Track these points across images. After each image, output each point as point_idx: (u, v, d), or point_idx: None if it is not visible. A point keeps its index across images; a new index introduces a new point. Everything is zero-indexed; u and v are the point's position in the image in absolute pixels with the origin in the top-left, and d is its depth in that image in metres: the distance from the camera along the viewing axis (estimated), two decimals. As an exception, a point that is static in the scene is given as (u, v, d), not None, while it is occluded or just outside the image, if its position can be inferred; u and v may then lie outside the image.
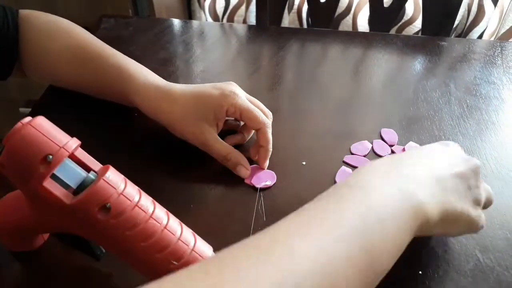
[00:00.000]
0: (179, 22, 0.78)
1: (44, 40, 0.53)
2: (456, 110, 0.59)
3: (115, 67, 0.50)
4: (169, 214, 0.32)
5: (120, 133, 0.53)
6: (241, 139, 0.52)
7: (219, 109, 0.47)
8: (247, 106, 0.47)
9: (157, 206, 0.32)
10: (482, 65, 0.68)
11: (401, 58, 0.70)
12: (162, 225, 0.31)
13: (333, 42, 0.73)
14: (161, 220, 0.31)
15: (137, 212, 0.30)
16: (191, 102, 0.47)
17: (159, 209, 0.32)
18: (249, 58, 0.69)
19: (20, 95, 1.18)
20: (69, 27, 0.54)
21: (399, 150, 0.52)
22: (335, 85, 0.64)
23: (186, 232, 0.32)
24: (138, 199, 0.31)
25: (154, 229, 0.30)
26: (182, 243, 0.31)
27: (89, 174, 0.31)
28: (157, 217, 0.31)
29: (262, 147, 0.48)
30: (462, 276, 0.39)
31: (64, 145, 0.30)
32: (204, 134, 0.47)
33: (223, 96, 0.47)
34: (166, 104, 0.48)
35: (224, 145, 0.48)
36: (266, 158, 0.49)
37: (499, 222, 0.44)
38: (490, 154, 0.52)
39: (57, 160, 0.29)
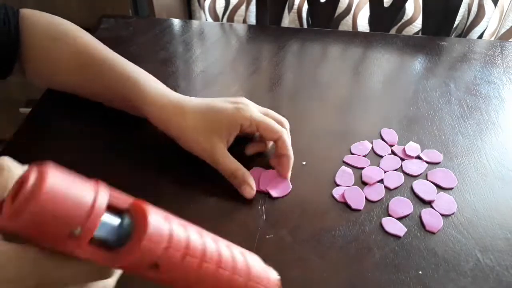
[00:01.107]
0: (179, 22, 0.78)
1: (46, 42, 0.52)
2: (456, 110, 0.59)
3: (123, 74, 0.49)
4: (218, 244, 0.29)
5: (121, 134, 0.53)
6: (263, 147, 0.51)
7: (233, 124, 0.46)
8: (262, 118, 0.47)
9: (206, 240, 0.28)
10: (482, 65, 0.68)
11: (401, 58, 0.70)
12: (214, 263, 0.27)
13: (333, 42, 0.73)
14: (213, 259, 0.27)
15: (188, 260, 0.26)
16: (202, 116, 0.47)
17: (209, 244, 0.28)
18: (249, 58, 0.69)
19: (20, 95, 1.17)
20: (71, 30, 0.53)
21: (399, 150, 0.52)
22: (335, 85, 0.64)
23: (238, 261, 0.29)
24: (188, 243, 0.26)
25: (208, 272, 0.27)
26: (237, 277, 0.28)
27: (124, 220, 0.25)
28: (209, 257, 0.27)
29: (284, 156, 0.48)
30: (462, 276, 0.39)
31: (91, 209, 0.23)
32: (214, 149, 0.46)
33: (237, 111, 0.46)
34: (177, 117, 0.47)
35: (233, 161, 0.47)
36: (289, 166, 0.48)
37: (499, 222, 0.44)
38: (490, 154, 0.52)
39: (88, 230, 0.23)
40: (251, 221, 0.43)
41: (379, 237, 0.42)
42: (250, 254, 0.31)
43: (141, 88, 0.48)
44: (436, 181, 0.48)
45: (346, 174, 0.49)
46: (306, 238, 0.42)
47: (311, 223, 0.43)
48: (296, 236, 0.42)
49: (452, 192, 0.47)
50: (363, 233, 0.43)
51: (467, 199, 0.46)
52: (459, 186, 0.48)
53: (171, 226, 0.26)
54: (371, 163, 0.50)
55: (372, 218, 0.44)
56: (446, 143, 0.53)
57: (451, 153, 0.52)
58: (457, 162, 0.51)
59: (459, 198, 0.46)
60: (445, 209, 0.45)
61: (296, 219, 0.44)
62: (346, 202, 0.45)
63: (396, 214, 0.44)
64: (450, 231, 0.43)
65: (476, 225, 0.44)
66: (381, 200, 0.46)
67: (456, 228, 0.43)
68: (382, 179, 0.48)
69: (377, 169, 0.49)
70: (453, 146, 0.53)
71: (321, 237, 0.42)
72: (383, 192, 0.47)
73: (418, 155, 0.51)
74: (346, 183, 0.48)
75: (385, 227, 0.43)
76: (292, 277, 0.39)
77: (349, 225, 0.43)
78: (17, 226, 0.21)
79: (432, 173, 0.49)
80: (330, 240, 0.42)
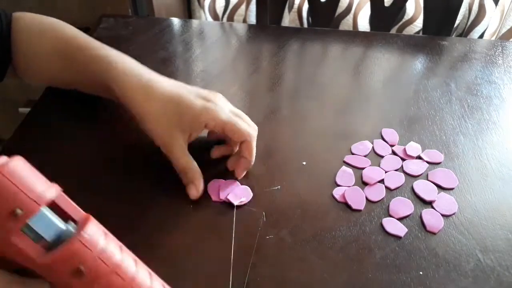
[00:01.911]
0: (179, 22, 0.78)
1: (32, 40, 0.53)
2: (457, 109, 0.58)
3: (98, 57, 0.48)
4: (152, 276, 0.30)
5: (120, 134, 0.53)
6: (228, 151, 0.50)
7: (196, 121, 0.45)
8: (228, 120, 0.45)
9: (139, 267, 0.29)
10: (483, 65, 0.68)
11: (401, 57, 0.70)
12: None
13: (333, 41, 0.73)
14: (143, 286, 0.28)
15: (114, 279, 0.27)
16: (170, 104, 0.45)
17: (141, 272, 0.29)
18: (249, 58, 0.69)
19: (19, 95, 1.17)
20: (53, 24, 0.53)
21: (400, 150, 0.52)
22: (335, 85, 0.63)
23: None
24: (119, 262, 0.27)
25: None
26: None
27: (68, 226, 0.27)
28: (138, 283, 0.28)
29: (244, 159, 0.47)
30: (462, 276, 0.39)
31: (37, 195, 0.26)
32: (172, 139, 0.45)
33: (204, 110, 0.45)
34: (142, 97, 0.45)
35: (186, 158, 0.46)
36: (245, 169, 0.47)
37: (499, 222, 0.44)
38: (491, 154, 0.51)
39: (28, 214, 0.25)
40: (251, 221, 0.43)
41: (380, 238, 0.42)
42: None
43: (112, 65, 0.47)
44: (437, 181, 0.48)
45: (346, 174, 0.48)
46: (307, 238, 0.42)
47: (311, 223, 0.43)
48: (296, 237, 0.42)
49: (452, 192, 0.47)
50: (364, 233, 0.42)
51: (468, 199, 0.46)
52: (459, 186, 0.48)
53: (108, 243, 0.27)
54: (371, 163, 0.50)
55: (373, 218, 0.44)
56: (447, 143, 0.53)
57: (452, 153, 0.52)
58: (458, 162, 0.50)
59: (459, 198, 0.46)
60: (446, 210, 0.45)
61: (296, 220, 0.44)
62: (347, 202, 0.45)
63: (396, 215, 0.44)
64: (451, 231, 0.43)
65: (477, 225, 0.43)
66: (382, 200, 0.46)
67: (457, 229, 0.43)
68: (383, 179, 0.48)
69: (378, 169, 0.49)
70: (454, 146, 0.53)
71: (322, 237, 0.42)
72: (384, 192, 0.47)
73: (419, 155, 0.51)
74: (346, 183, 0.47)
75: (386, 228, 0.43)
76: (292, 277, 0.39)
77: (350, 226, 0.43)
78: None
79: (433, 173, 0.49)
80: (330, 241, 0.42)
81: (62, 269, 0.26)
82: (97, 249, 0.27)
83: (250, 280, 0.38)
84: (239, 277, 0.38)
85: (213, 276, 0.39)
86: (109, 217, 0.32)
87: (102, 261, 0.27)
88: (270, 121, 0.56)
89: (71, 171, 0.48)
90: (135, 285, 0.28)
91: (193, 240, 0.42)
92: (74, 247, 0.26)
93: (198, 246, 0.41)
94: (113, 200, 0.45)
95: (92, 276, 0.26)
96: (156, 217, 0.44)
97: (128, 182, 0.47)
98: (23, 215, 0.25)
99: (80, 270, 0.26)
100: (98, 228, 0.28)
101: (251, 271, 0.39)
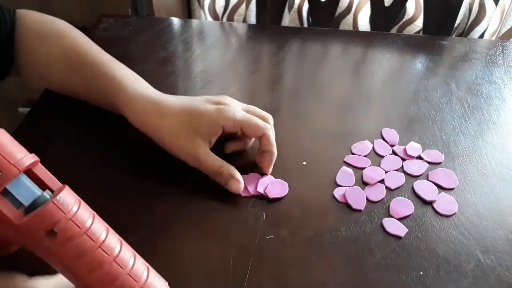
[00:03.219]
0: (179, 21, 0.78)
1: (35, 41, 0.52)
2: (457, 109, 0.58)
3: (107, 77, 0.49)
4: (122, 243, 0.31)
5: (121, 133, 0.53)
6: (243, 146, 0.50)
7: (214, 125, 0.45)
8: (245, 118, 0.46)
9: (110, 234, 0.30)
10: (484, 65, 0.68)
11: (402, 57, 0.70)
12: (111, 256, 0.29)
13: (333, 41, 0.73)
14: (111, 251, 0.29)
15: (85, 240, 0.29)
16: (184, 117, 0.45)
17: (111, 238, 0.30)
18: (249, 58, 0.69)
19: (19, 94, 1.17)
20: (64, 30, 0.53)
21: (400, 150, 0.52)
22: (335, 85, 0.63)
23: (139, 266, 0.30)
24: (89, 226, 0.29)
25: (102, 260, 0.29)
26: (131, 278, 0.29)
27: (43, 193, 0.30)
28: (107, 247, 0.29)
29: (267, 152, 0.47)
30: (463, 277, 0.39)
31: (16, 161, 0.28)
32: (195, 149, 0.45)
33: (219, 112, 0.45)
34: (156, 118, 0.46)
35: (215, 159, 0.46)
36: (271, 162, 0.47)
37: (500, 222, 0.44)
38: (492, 154, 0.51)
39: (7, 176, 0.28)
40: (251, 221, 0.43)
41: (380, 238, 0.42)
42: (159, 276, 0.32)
43: (121, 88, 0.48)
44: (437, 181, 0.48)
45: (346, 174, 0.48)
46: (307, 238, 0.42)
47: (311, 223, 0.43)
48: (297, 237, 0.42)
49: (453, 192, 0.47)
50: (364, 233, 0.42)
51: (468, 199, 0.46)
52: (460, 186, 0.47)
53: (80, 208, 0.30)
54: (372, 163, 0.50)
55: (373, 218, 0.44)
56: (447, 143, 0.53)
57: (452, 153, 0.52)
58: (458, 162, 0.50)
59: (460, 198, 0.46)
60: (446, 210, 0.45)
61: (297, 220, 0.44)
62: (347, 203, 0.45)
63: (397, 215, 0.44)
64: (451, 231, 0.43)
65: (477, 225, 0.43)
66: (382, 200, 0.46)
67: (457, 229, 0.43)
68: (383, 179, 0.48)
69: (378, 169, 0.49)
70: (454, 146, 0.53)
71: (322, 237, 0.42)
72: (384, 192, 0.46)
73: (419, 155, 0.51)
74: (346, 183, 0.47)
75: (386, 228, 0.43)
76: (292, 277, 0.39)
77: (350, 226, 0.43)
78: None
79: (433, 173, 0.49)
80: (330, 241, 0.42)
81: (36, 230, 0.28)
82: (69, 212, 0.29)
83: (250, 280, 0.38)
84: (239, 277, 0.38)
85: (213, 276, 0.39)
86: (109, 216, 0.32)
87: (74, 223, 0.29)
88: (270, 121, 0.56)
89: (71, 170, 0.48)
90: (104, 247, 0.29)
91: (193, 240, 0.42)
92: (48, 208, 0.28)
93: (198, 246, 0.41)
94: (114, 199, 0.45)
95: (64, 236, 0.28)
96: (156, 217, 0.44)
97: (129, 181, 0.47)
98: (2, 178, 0.27)
99: (53, 230, 0.28)
100: (72, 195, 0.30)
101: (251, 271, 0.39)
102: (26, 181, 0.29)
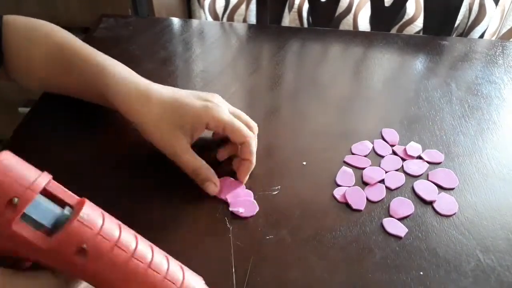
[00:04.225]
0: (179, 21, 0.78)
1: (24, 45, 0.52)
2: (458, 109, 0.58)
3: (93, 65, 0.48)
4: (153, 249, 0.30)
5: (121, 133, 0.53)
6: (235, 149, 0.49)
7: (198, 121, 0.45)
8: (229, 120, 0.45)
9: (140, 242, 0.30)
10: (484, 65, 0.68)
11: (402, 57, 0.70)
12: (145, 264, 0.29)
13: (333, 41, 0.73)
14: (144, 259, 0.29)
15: (117, 252, 0.28)
16: (168, 108, 0.45)
17: (142, 245, 0.30)
18: (249, 58, 0.69)
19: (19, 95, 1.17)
20: (48, 30, 0.53)
21: (400, 150, 0.52)
22: (335, 85, 0.63)
23: (173, 268, 0.30)
24: (118, 237, 0.28)
25: (137, 270, 0.28)
26: (169, 282, 0.29)
27: (64, 211, 0.29)
28: (139, 256, 0.29)
29: (245, 160, 0.46)
30: (463, 277, 0.39)
31: (31, 184, 0.27)
32: (176, 143, 0.45)
33: (205, 109, 0.45)
34: (140, 104, 0.45)
35: (194, 157, 0.45)
36: (247, 172, 0.47)
37: (500, 222, 0.44)
38: (492, 154, 0.51)
39: (24, 202, 0.27)
40: (251, 221, 0.43)
41: (380, 238, 0.42)
42: (192, 273, 0.31)
43: (106, 74, 0.47)
44: (437, 181, 0.48)
45: (346, 174, 0.48)
46: (306, 238, 0.42)
47: (311, 223, 0.43)
48: (296, 237, 0.42)
49: (453, 192, 0.47)
50: (364, 233, 0.42)
51: (468, 199, 0.46)
52: (460, 186, 0.47)
53: (105, 220, 0.29)
54: (372, 163, 0.50)
55: (373, 218, 0.44)
56: (447, 143, 0.53)
57: (452, 153, 0.52)
58: (458, 162, 0.50)
59: (460, 198, 0.46)
60: (446, 210, 0.45)
61: (297, 220, 0.44)
62: (347, 203, 0.45)
63: (397, 215, 0.44)
64: (451, 231, 0.43)
65: (477, 225, 0.43)
66: (382, 200, 0.46)
67: (457, 229, 0.43)
68: (383, 179, 0.48)
69: (378, 169, 0.49)
70: (454, 146, 0.53)
71: (322, 237, 0.42)
72: (384, 192, 0.46)
73: (419, 155, 0.51)
74: (346, 183, 0.47)
75: (386, 228, 0.43)
76: (292, 277, 0.39)
77: (350, 226, 0.43)
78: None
79: (433, 173, 0.49)
80: (330, 241, 0.42)
81: (66, 250, 0.27)
82: (96, 227, 0.28)
83: (250, 280, 0.38)
84: (239, 277, 0.38)
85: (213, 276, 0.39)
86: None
87: (103, 237, 0.28)
88: (270, 121, 0.56)
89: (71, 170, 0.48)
90: (137, 256, 0.28)
91: (193, 240, 0.42)
92: (74, 227, 0.27)
93: (198, 247, 0.41)
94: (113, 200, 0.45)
95: (95, 253, 0.27)
96: (156, 217, 0.44)
97: (128, 182, 0.47)
98: (20, 204, 0.26)
99: (83, 249, 0.27)
100: (94, 208, 0.29)
101: (251, 271, 0.39)
102: (44, 202, 0.28)
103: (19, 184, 0.27)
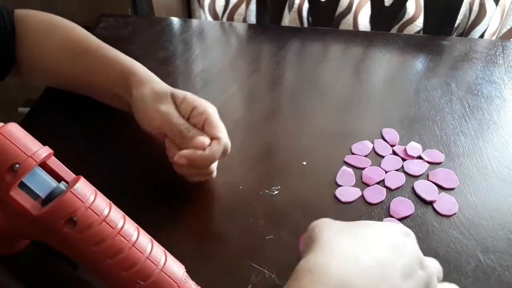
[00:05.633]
0: (179, 21, 0.78)
1: (41, 37, 0.52)
2: (458, 109, 0.58)
3: (114, 58, 0.49)
4: (139, 230, 0.32)
5: (121, 132, 0.53)
6: None
7: (176, 94, 0.45)
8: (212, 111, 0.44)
9: (127, 221, 0.31)
10: (484, 65, 0.68)
11: (402, 57, 0.70)
12: (130, 242, 0.30)
13: (333, 41, 0.73)
14: (129, 237, 0.30)
15: (104, 227, 0.29)
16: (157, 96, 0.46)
17: (129, 225, 0.31)
18: (249, 58, 0.69)
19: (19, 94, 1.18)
20: (67, 24, 0.54)
21: (401, 150, 0.51)
22: (335, 85, 0.63)
23: (157, 250, 0.31)
24: (107, 214, 0.30)
25: (121, 246, 0.30)
26: (150, 262, 0.30)
27: (59, 184, 0.31)
28: (125, 234, 0.30)
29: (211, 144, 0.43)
30: (463, 277, 0.39)
31: (33, 154, 0.29)
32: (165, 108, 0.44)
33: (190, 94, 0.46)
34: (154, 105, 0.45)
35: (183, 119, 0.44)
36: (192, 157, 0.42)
37: (500, 222, 0.44)
38: (492, 154, 0.51)
39: (24, 169, 0.29)
40: (251, 221, 0.43)
41: (380, 238, 0.42)
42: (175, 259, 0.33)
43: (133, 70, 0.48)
44: (438, 182, 0.48)
45: (347, 174, 0.48)
46: (307, 238, 0.42)
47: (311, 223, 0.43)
48: (297, 237, 0.42)
49: (453, 192, 0.47)
50: (364, 233, 0.42)
51: (468, 199, 0.46)
52: (460, 186, 0.47)
53: (96, 197, 0.31)
54: (372, 163, 0.50)
55: (373, 218, 0.44)
56: (448, 143, 0.53)
57: (452, 153, 0.51)
58: (458, 162, 0.50)
59: (460, 198, 0.46)
60: (447, 210, 0.45)
61: (297, 220, 0.43)
62: (347, 202, 0.45)
63: (397, 215, 0.44)
64: (452, 231, 0.43)
65: (478, 225, 0.43)
66: (382, 200, 0.46)
67: (457, 229, 0.43)
68: (383, 179, 0.48)
69: (378, 169, 0.49)
70: (455, 146, 0.52)
71: (322, 237, 0.42)
72: (384, 192, 0.46)
73: (420, 155, 0.51)
74: (347, 183, 0.47)
75: (386, 228, 0.43)
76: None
77: (350, 226, 0.43)
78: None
79: (434, 173, 0.49)
80: (330, 241, 0.41)
81: (57, 220, 0.29)
82: (87, 201, 0.30)
83: (250, 280, 0.38)
84: (239, 277, 0.38)
85: (213, 276, 0.39)
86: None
87: (92, 211, 0.29)
88: (270, 121, 0.56)
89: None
90: (123, 234, 0.30)
91: (193, 241, 0.42)
92: (67, 198, 0.29)
93: (198, 247, 0.41)
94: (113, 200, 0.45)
95: (84, 224, 0.29)
96: (156, 218, 0.44)
97: (129, 182, 0.47)
98: (20, 171, 0.28)
99: (72, 219, 0.29)
100: (88, 185, 0.31)
101: (251, 271, 0.39)
102: (41, 173, 0.30)
103: (22, 152, 0.29)
